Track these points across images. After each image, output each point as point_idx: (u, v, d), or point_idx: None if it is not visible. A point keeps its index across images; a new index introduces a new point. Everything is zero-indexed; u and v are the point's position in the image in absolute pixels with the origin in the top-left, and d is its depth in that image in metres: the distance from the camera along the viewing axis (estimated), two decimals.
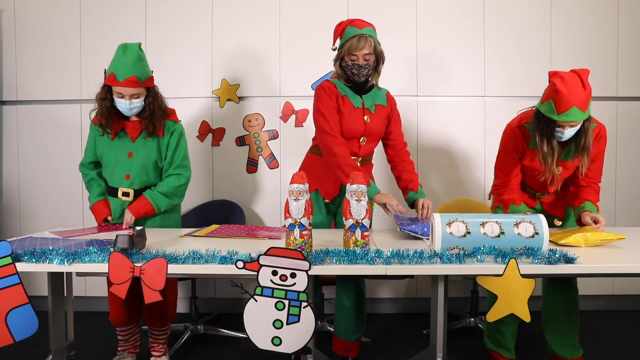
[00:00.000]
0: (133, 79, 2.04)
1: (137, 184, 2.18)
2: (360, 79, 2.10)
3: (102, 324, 2.93)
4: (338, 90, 2.13)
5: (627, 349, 2.57)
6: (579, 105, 1.82)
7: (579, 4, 3.06)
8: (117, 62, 2.07)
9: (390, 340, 2.73)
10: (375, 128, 2.18)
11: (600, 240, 1.73)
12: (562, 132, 1.89)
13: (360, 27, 2.06)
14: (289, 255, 1.41)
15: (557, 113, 1.83)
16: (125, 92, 2.06)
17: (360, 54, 2.03)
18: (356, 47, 2.02)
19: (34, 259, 1.52)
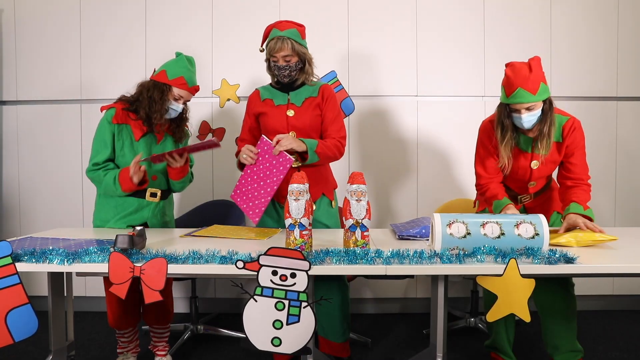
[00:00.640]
0: (197, 88, 2.23)
1: (162, 184, 2.22)
2: (283, 79, 2.15)
3: (102, 324, 2.93)
4: (260, 96, 2.23)
5: (627, 349, 2.57)
6: (524, 86, 1.90)
7: (579, 4, 3.06)
8: (185, 69, 2.17)
9: (390, 340, 2.73)
10: (302, 121, 2.15)
11: (592, 241, 1.73)
12: (520, 117, 1.95)
13: (281, 29, 2.11)
14: (289, 255, 1.41)
15: (506, 96, 1.96)
16: (187, 96, 2.18)
17: (279, 55, 2.10)
18: (274, 48, 2.09)
19: (34, 259, 1.52)
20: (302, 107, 2.17)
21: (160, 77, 2.13)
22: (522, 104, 1.92)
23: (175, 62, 2.17)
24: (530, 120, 1.95)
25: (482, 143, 2.16)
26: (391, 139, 3.11)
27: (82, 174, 3.11)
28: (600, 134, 3.02)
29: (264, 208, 2.05)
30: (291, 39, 2.09)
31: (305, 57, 2.15)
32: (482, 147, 2.17)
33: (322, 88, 2.21)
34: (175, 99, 2.14)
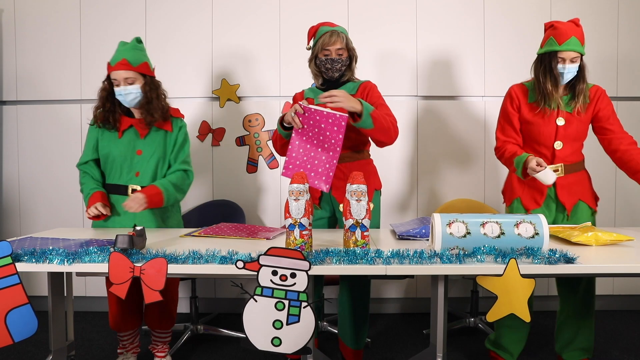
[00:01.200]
0: (124, 62, 2.07)
1: (147, 181, 2.16)
2: (334, 73, 2.13)
3: (102, 324, 2.93)
4: (304, 94, 2.22)
5: (627, 349, 2.57)
6: (577, 36, 2.01)
7: (579, 4, 3.07)
8: (114, 54, 2.12)
9: (390, 340, 2.73)
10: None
11: (610, 240, 1.74)
12: (564, 67, 2.02)
13: (332, 26, 2.14)
14: (289, 255, 1.41)
15: (558, 44, 2.01)
16: (117, 76, 2.08)
17: (332, 48, 2.09)
18: (328, 42, 2.09)
19: (34, 259, 1.51)
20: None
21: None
22: (574, 52, 2.00)
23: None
24: (572, 72, 2.04)
25: (504, 108, 2.20)
26: None
27: None
28: None
29: (332, 173, 1.97)
30: (345, 35, 2.13)
31: (354, 54, 2.17)
32: (503, 112, 2.20)
33: (363, 85, 2.19)
34: (115, 85, 2.10)
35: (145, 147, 2.16)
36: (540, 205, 2.13)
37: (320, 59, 2.12)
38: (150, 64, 2.18)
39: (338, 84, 2.19)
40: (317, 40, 2.12)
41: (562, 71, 2.03)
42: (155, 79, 2.20)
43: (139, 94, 2.12)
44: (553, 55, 2.03)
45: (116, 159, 2.16)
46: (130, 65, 2.07)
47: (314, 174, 1.98)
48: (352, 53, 2.16)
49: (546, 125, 2.10)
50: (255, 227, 2.13)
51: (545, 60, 2.06)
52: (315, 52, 2.14)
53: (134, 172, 2.15)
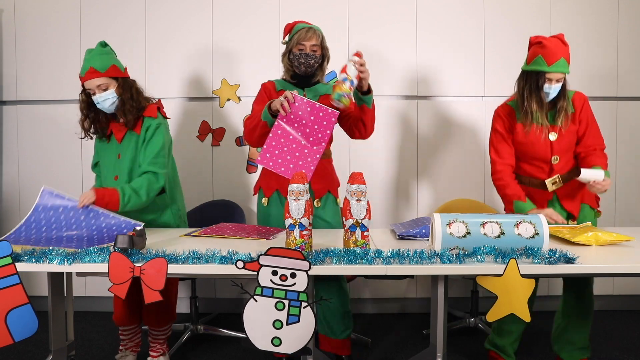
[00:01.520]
0: (91, 70, 2.07)
1: (124, 183, 2.13)
2: (307, 69, 2.14)
3: (102, 324, 2.93)
4: (275, 86, 2.21)
5: (627, 349, 2.57)
6: (565, 56, 2.00)
7: (579, 4, 3.06)
8: (82, 64, 2.13)
9: (390, 340, 2.73)
10: None
11: (610, 240, 1.74)
12: (550, 87, 2.01)
13: (308, 24, 2.17)
14: (289, 255, 1.41)
15: (547, 65, 1.98)
16: (89, 85, 2.10)
17: (308, 43, 2.12)
18: (304, 37, 2.12)
19: (34, 259, 1.52)
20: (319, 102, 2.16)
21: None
22: (562, 74, 2.00)
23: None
24: (556, 91, 2.04)
25: (495, 129, 2.18)
26: (391, 139, 3.11)
27: (82, 174, 3.11)
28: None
29: (314, 167, 1.96)
30: (320, 32, 2.16)
31: (327, 54, 2.20)
32: (495, 133, 2.18)
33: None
34: (93, 94, 2.11)
35: (123, 150, 2.16)
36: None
37: (294, 53, 2.14)
38: (120, 65, 2.15)
39: (309, 84, 2.21)
40: (293, 35, 2.15)
41: (547, 91, 2.03)
42: (129, 78, 2.17)
43: (115, 98, 2.11)
44: (541, 74, 2.01)
45: (104, 165, 2.21)
46: (98, 72, 2.07)
47: (293, 165, 1.96)
48: (325, 52, 2.19)
49: (540, 143, 2.10)
50: (255, 227, 2.13)
51: (532, 78, 2.04)
52: (289, 47, 2.16)
53: (113, 176, 2.17)
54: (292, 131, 1.98)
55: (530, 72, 2.04)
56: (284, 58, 2.20)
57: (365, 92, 2.02)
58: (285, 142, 1.97)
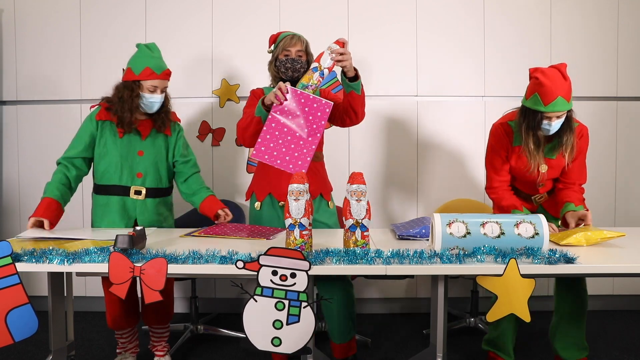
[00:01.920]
0: (168, 72, 2.16)
1: (149, 182, 2.18)
2: (293, 74, 2.16)
3: (102, 324, 2.93)
4: (265, 93, 2.22)
5: (627, 349, 2.57)
6: (563, 95, 1.89)
7: (579, 4, 3.06)
8: (148, 58, 2.13)
9: (390, 340, 2.73)
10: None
11: (601, 238, 1.74)
12: (550, 124, 1.93)
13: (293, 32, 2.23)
14: (289, 255, 1.41)
15: (543, 105, 1.90)
16: (161, 85, 2.14)
17: (293, 49, 2.17)
18: (289, 43, 2.17)
19: (34, 259, 1.52)
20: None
21: (128, 76, 2.13)
22: (559, 113, 1.91)
23: (137, 56, 2.16)
24: (557, 126, 1.95)
25: (493, 147, 2.13)
26: (391, 139, 3.10)
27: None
28: (600, 134, 3.01)
29: (310, 158, 1.96)
30: (304, 39, 2.22)
31: (312, 60, 2.21)
32: (492, 151, 2.14)
33: (323, 93, 2.25)
34: (150, 91, 2.11)
35: (147, 148, 2.17)
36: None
37: (280, 59, 2.17)
38: None
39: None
40: (278, 43, 2.20)
41: (547, 127, 1.95)
42: None
43: (162, 101, 2.18)
44: (538, 112, 1.93)
45: (116, 160, 2.14)
46: (169, 75, 2.17)
47: (289, 157, 1.95)
48: (310, 58, 2.22)
49: (529, 173, 2.07)
50: (254, 227, 2.13)
51: (530, 115, 1.96)
52: (275, 54, 2.20)
53: (135, 173, 2.15)
54: (287, 122, 1.96)
55: (529, 109, 1.96)
56: (271, 66, 2.23)
57: (352, 78, 2.02)
58: (279, 134, 1.96)
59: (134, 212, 2.17)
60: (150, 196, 2.18)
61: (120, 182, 2.16)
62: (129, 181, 2.16)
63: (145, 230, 1.70)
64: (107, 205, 2.17)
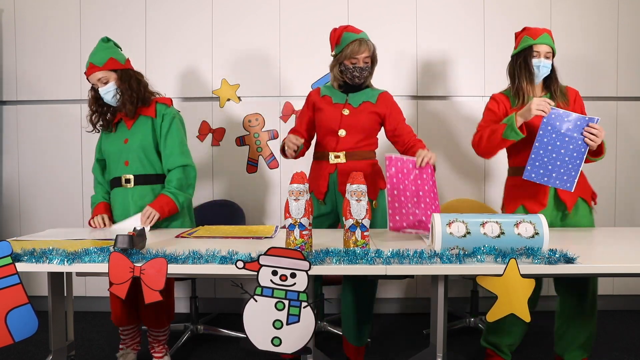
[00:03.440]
0: (91, 66, 2.13)
1: (134, 168, 2.18)
2: (359, 81, 2.19)
3: (102, 324, 2.93)
4: (320, 92, 2.28)
5: (627, 349, 2.57)
6: (549, 33, 2.11)
7: (579, 4, 3.07)
8: (89, 57, 2.16)
9: (390, 340, 2.73)
10: (355, 121, 2.21)
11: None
12: (540, 61, 2.08)
13: (357, 32, 2.18)
14: (289, 255, 1.41)
15: (533, 39, 2.09)
16: (92, 79, 2.15)
17: (361, 57, 2.14)
18: (357, 51, 2.13)
19: (34, 259, 1.51)
20: (359, 109, 2.22)
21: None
22: (548, 47, 2.08)
23: None
24: (547, 68, 2.10)
25: (490, 109, 2.22)
26: None
27: (82, 174, 3.11)
28: None
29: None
30: (370, 41, 2.18)
31: (376, 59, 2.24)
32: (488, 112, 2.22)
33: (381, 96, 2.26)
34: (97, 88, 2.16)
35: (132, 135, 2.20)
36: (545, 206, 2.12)
37: (346, 65, 2.16)
38: (120, 57, 2.18)
39: (359, 89, 2.24)
40: (345, 47, 2.15)
41: (537, 64, 2.09)
42: (130, 70, 2.20)
43: (116, 90, 2.16)
44: (528, 51, 2.09)
45: (111, 153, 2.23)
46: (96, 66, 2.12)
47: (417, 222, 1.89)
48: (374, 59, 2.23)
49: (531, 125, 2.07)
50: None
51: (520, 57, 2.13)
52: (340, 59, 2.17)
53: (123, 162, 2.19)
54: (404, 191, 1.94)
55: (519, 54, 2.14)
56: (334, 69, 2.22)
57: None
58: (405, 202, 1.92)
59: (129, 202, 2.18)
60: (139, 183, 2.19)
61: (116, 173, 2.22)
62: (120, 171, 2.20)
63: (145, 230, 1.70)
64: (114, 199, 2.24)
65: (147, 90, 2.22)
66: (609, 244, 1.79)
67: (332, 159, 2.22)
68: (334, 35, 2.21)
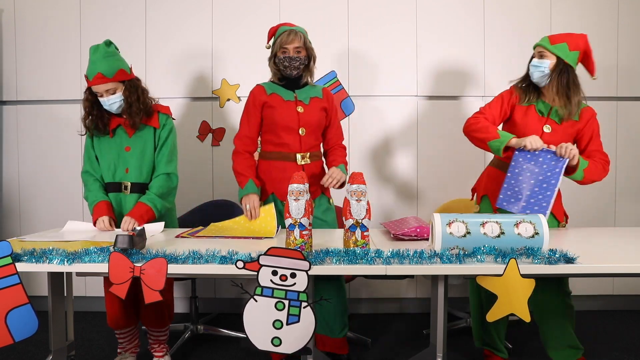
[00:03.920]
0: (99, 76, 2.08)
1: (134, 176, 2.20)
2: (292, 72, 2.17)
3: (102, 324, 2.93)
4: (265, 90, 2.23)
5: (627, 349, 2.57)
6: (549, 37, 2.13)
7: (579, 4, 3.06)
8: (89, 64, 2.12)
9: (390, 340, 2.73)
10: (311, 118, 2.21)
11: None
12: (536, 61, 2.12)
13: (291, 26, 2.20)
14: (289, 255, 1.41)
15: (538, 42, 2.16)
16: (97, 89, 2.11)
17: (290, 47, 2.14)
18: (286, 40, 2.14)
19: (34, 259, 1.52)
20: (310, 105, 2.22)
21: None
22: (539, 47, 2.12)
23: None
24: (537, 67, 2.10)
25: (501, 96, 2.21)
26: (391, 139, 3.11)
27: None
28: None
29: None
30: (302, 33, 2.18)
31: (312, 54, 2.22)
32: (497, 98, 2.22)
33: (325, 91, 2.28)
34: (100, 96, 2.13)
35: (133, 143, 2.20)
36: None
37: (278, 57, 2.17)
38: (126, 67, 2.17)
39: (298, 86, 2.24)
40: (276, 39, 2.18)
41: (533, 64, 2.12)
42: (134, 79, 2.20)
43: (122, 101, 2.15)
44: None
45: (108, 158, 2.21)
46: (106, 77, 2.09)
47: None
48: (310, 53, 2.21)
49: (532, 130, 2.11)
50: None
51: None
52: (274, 51, 2.20)
53: (124, 169, 2.19)
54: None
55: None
56: (270, 62, 2.24)
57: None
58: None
59: (124, 209, 2.19)
60: (135, 191, 2.20)
61: (114, 179, 2.21)
62: (120, 177, 2.20)
63: (145, 230, 1.70)
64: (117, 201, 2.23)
65: (149, 98, 2.23)
66: (609, 244, 1.79)
67: (300, 160, 2.19)
68: (271, 31, 2.24)
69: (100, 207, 2.16)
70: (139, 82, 2.21)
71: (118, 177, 2.20)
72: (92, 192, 2.21)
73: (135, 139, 2.20)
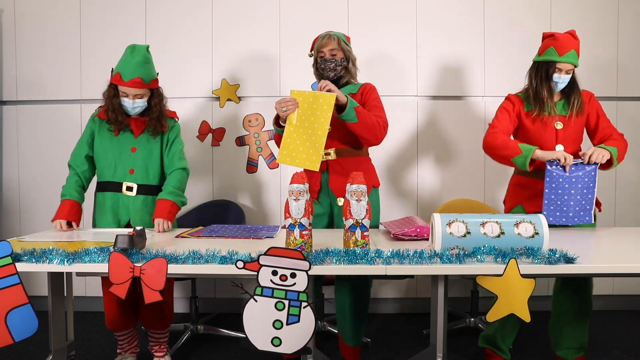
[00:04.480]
0: (138, 80, 2.11)
1: (140, 178, 2.19)
2: (329, 73, 2.21)
3: (102, 324, 2.93)
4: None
5: (627, 349, 2.57)
6: (575, 48, 2.10)
7: (579, 3, 3.06)
8: (124, 63, 2.13)
9: (390, 340, 2.73)
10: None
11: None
12: (560, 77, 2.11)
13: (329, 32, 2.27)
14: (289, 255, 1.41)
15: (559, 55, 2.09)
16: (129, 92, 2.12)
17: (326, 49, 2.21)
18: (322, 44, 2.22)
19: (34, 259, 1.51)
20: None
21: (112, 77, 2.17)
22: (571, 65, 2.10)
23: (121, 57, 2.17)
24: (565, 82, 2.13)
25: (503, 107, 2.23)
26: (391, 139, 3.10)
27: None
28: None
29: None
30: (337, 36, 2.24)
31: (350, 56, 2.26)
32: (502, 109, 2.23)
33: (363, 86, 2.28)
34: (124, 96, 2.14)
35: (140, 144, 2.20)
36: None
37: (318, 62, 2.25)
38: (156, 75, 2.21)
39: (338, 86, 2.23)
40: (315, 45, 2.26)
41: (557, 81, 2.12)
42: (160, 88, 2.24)
43: (145, 106, 2.18)
44: (551, 64, 2.11)
45: (111, 156, 2.19)
46: (143, 83, 2.12)
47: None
48: (347, 54, 2.24)
49: (545, 131, 2.14)
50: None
51: (543, 68, 2.14)
52: (315, 57, 2.27)
53: (128, 169, 2.18)
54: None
55: (542, 63, 2.14)
56: (313, 69, 2.30)
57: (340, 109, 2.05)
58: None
59: (125, 210, 2.18)
60: (141, 193, 2.20)
61: (114, 178, 2.20)
62: (121, 177, 2.19)
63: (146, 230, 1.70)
64: (103, 203, 2.20)
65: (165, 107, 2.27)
66: (609, 244, 1.79)
67: (323, 157, 2.20)
68: (314, 41, 2.30)
69: (63, 207, 2.14)
70: (162, 90, 2.26)
71: (119, 177, 2.19)
72: (66, 187, 2.19)
73: (142, 141, 2.20)
